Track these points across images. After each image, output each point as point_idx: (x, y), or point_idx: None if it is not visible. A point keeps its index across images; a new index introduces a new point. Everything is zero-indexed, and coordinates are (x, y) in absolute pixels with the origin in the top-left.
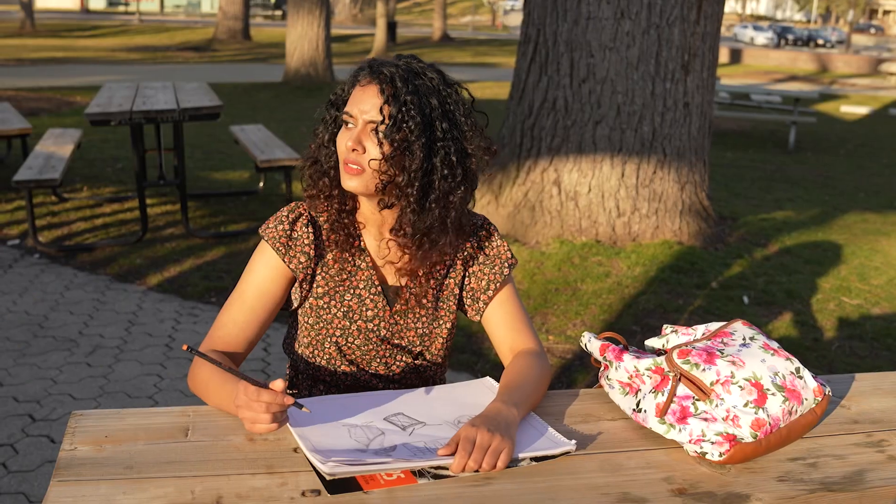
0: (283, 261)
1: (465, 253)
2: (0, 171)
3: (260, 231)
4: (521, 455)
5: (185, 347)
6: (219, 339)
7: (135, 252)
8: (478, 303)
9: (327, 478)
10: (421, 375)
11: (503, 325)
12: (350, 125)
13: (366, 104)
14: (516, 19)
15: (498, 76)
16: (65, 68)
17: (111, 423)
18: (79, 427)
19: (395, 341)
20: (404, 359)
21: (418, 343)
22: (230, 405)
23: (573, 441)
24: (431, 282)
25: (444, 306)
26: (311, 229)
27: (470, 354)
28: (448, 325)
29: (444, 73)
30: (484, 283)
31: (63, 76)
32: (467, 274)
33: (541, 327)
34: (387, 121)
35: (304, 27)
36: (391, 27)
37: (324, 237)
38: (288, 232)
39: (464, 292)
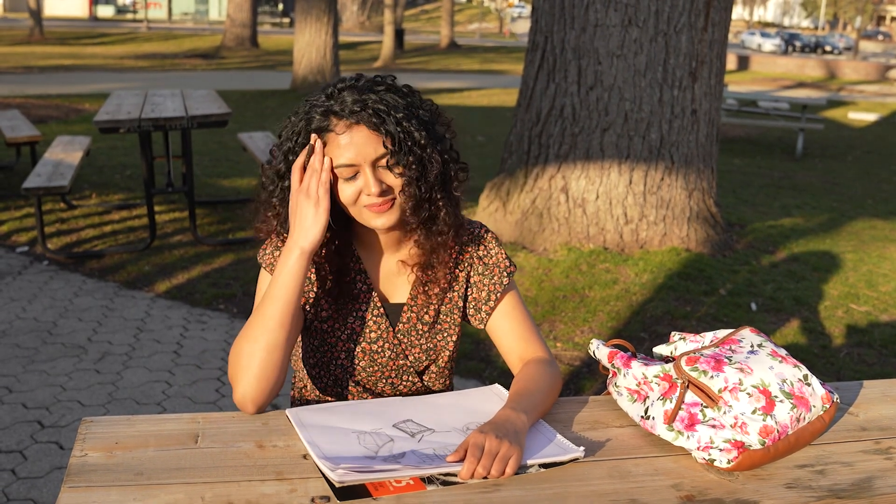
0: None
1: (466, 263)
2: (9, 178)
3: (258, 259)
4: (529, 461)
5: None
6: None
7: (143, 259)
8: (480, 313)
9: (336, 485)
10: (428, 392)
11: (510, 335)
12: (348, 175)
13: (364, 148)
14: (524, 26)
15: (505, 83)
16: (73, 76)
17: (121, 430)
18: (89, 433)
19: (401, 361)
20: (410, 379)
21: (424, 358)
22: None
23: (581, 448)
24: (433, 296)
25: (449, 319)
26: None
27: (478, 361)
28: (454, 339)
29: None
30: (484, 293)
31: (71, 84)
32: (469, 285)
33: (548, 334)
34: (394, 150)
35: (312, 34)
36: (399, 34)
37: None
38: None
39: (467, 303)
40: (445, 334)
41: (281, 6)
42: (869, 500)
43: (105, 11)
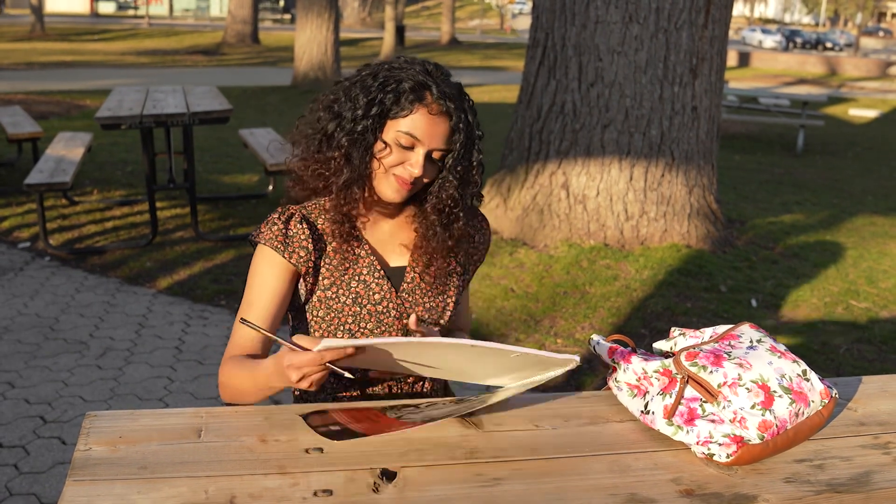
0: (284, 257)
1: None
2: (11, 174)
3: (253, 238)
4: (521, 350)
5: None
6: (238, 343)
7: (145, 255)
8: (467, 275)
9: (321, 350)
10: None
11: (463, 308)
12: (405, 145)
13: (436, 135)
14: (525, 23)
15: (506, 80)
16: (75, 72)
17: (125, 424)
18: (93, 428)
19: (405, 321)
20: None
21: (428, 317)
22: (270, 378)
23: (576, 355)
24: (433, 259)
25: (449, 281)
26: (305, 226)
27: None
28: (454, 299)
29: None
30: (474, 259)
31: (73, 80)
32: (465, 252)
33: (549, 330)
34: (457, 151)
35: (313, 31)
36: (399, 31)
37: (319, 230)
38: (283, 230)
39: (463, 267)
40: (446, 294)
41: (282, 2)
42: (867, 495)
43: (106, 8)
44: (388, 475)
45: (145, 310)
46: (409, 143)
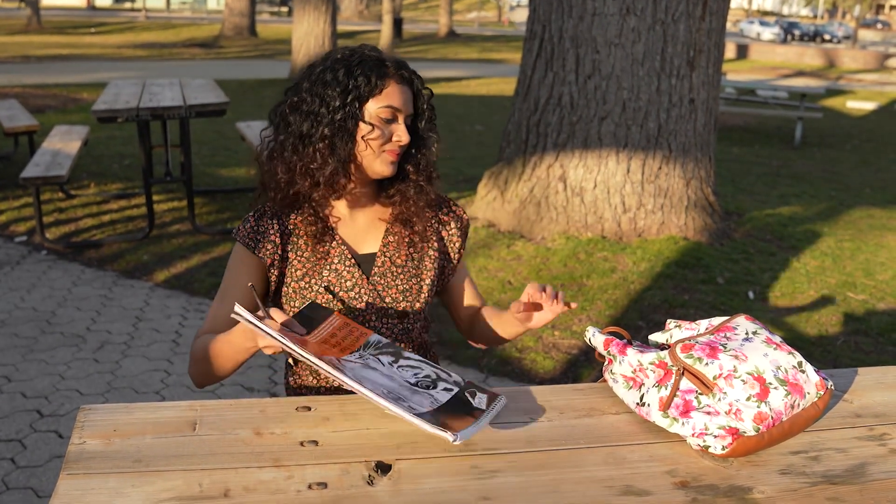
0: (253, 252)
1: (436, 221)
2: (7, 168)
3: (233, 235)
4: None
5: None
6: (214, 327)
7: (142, 248)
8: (451, 262)
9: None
10: (409, 336)
11: (471, 292)
12: (387, 118)
13: (407, 101)
14: (522, 15)
15: (504, 72)
16: (71, 65)
17: (119, 417)
18: (87, 421)
19: (380, 305)
20: (391, 321)
21: (401, 299)
22: (239, 348)
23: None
24: (403, 244)
25: (422, 266)
26: (274, 221)
27: (475, 350)
28: (428, 283)
29: None
30: (458, 244)
31: (69, 73)
32: (442, 238)
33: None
34: (428, 112)
35: (311, 23)
36: (397, 23)
37: (290, 224)
38: (254, 227)
39: (441, 254)
40: (419, 278)
41: None
42: (862, 486)
43: (103, 1)
44: (383, 468)
45: (142, 303)
46: (390, 115)
